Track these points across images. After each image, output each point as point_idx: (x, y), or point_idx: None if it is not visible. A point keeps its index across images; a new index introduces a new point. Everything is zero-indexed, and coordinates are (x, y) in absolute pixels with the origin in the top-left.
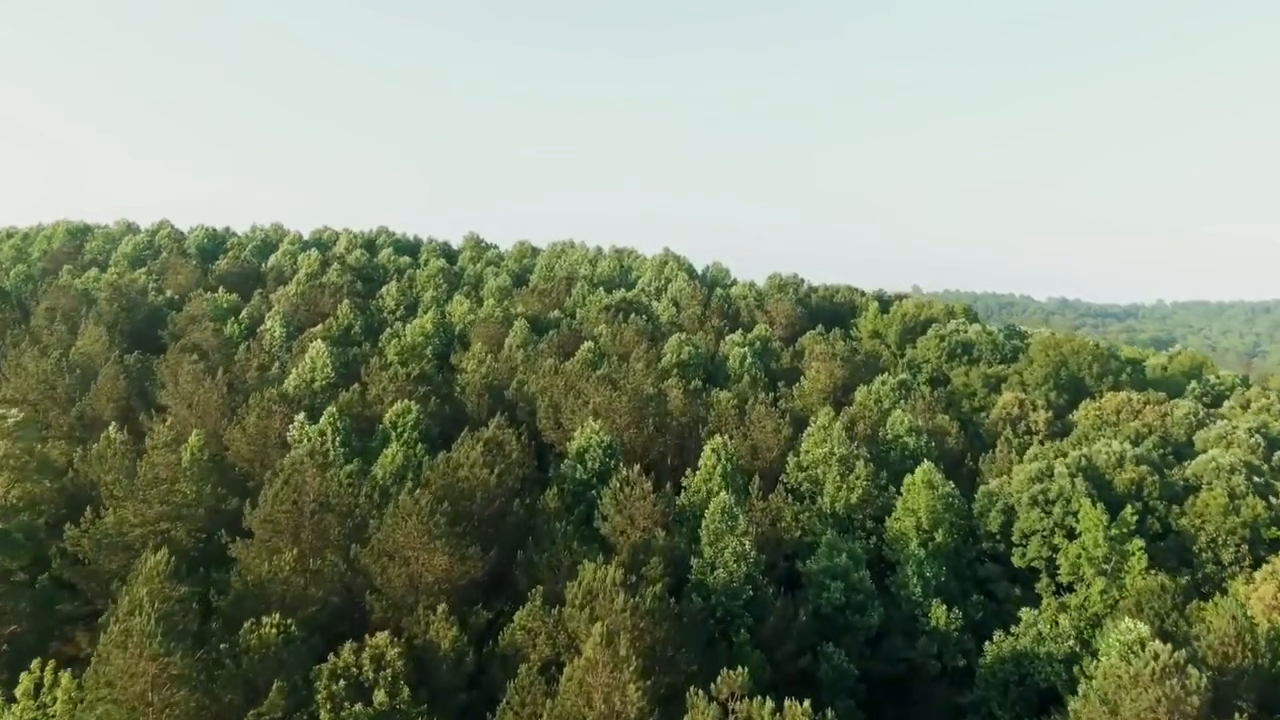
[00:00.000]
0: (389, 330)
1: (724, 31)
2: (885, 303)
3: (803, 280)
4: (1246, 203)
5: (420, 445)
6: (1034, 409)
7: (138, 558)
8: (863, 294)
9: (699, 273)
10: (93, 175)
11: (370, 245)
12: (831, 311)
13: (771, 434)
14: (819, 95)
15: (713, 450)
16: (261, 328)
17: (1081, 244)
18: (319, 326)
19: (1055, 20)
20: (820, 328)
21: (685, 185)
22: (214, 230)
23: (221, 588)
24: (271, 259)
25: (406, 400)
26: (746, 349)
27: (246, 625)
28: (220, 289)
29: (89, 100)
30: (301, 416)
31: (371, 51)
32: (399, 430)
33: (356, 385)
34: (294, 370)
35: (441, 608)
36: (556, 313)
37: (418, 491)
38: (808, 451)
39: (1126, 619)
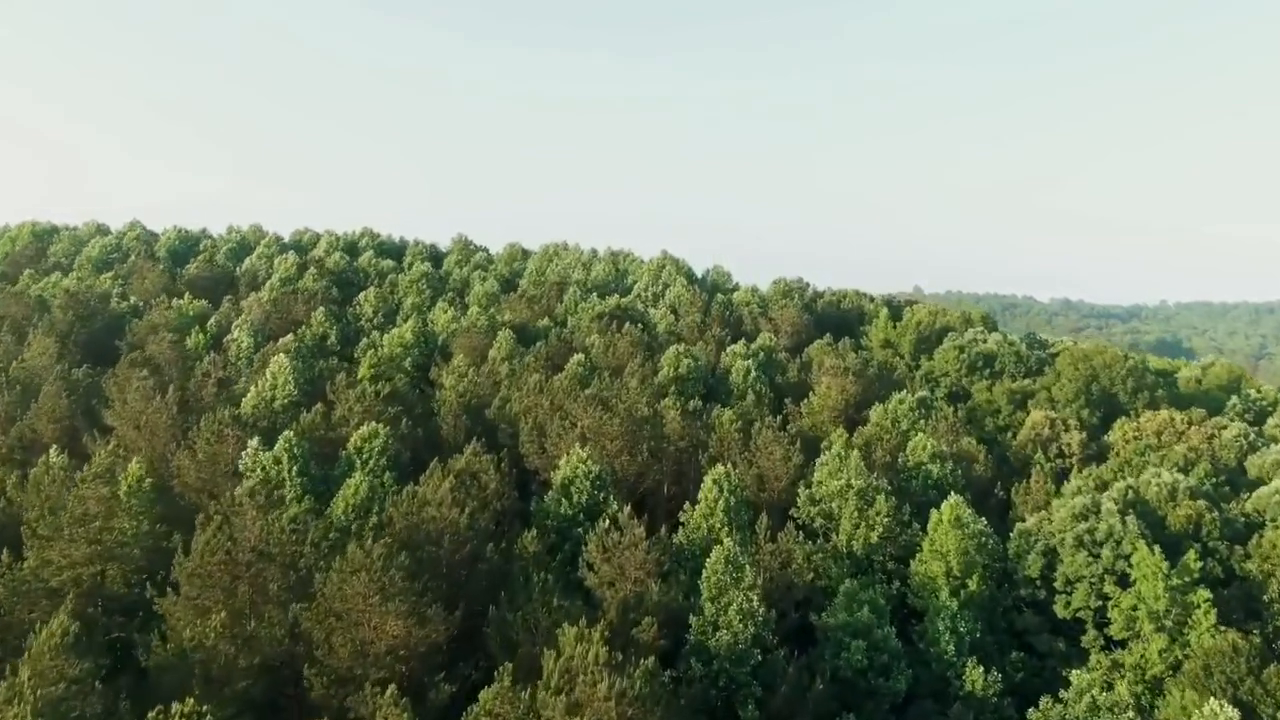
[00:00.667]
0: (365, 340)
1: (724, 31)
2: (896, 309)
3: (808, 284)
4: (1246, 203)
5: (388, 474)
6: (1066, 429)
7: (63, 605)
8: (871, 299)
9: (698, 276)
10: (93, 175)
11: (352, 248)
12: (839, 318)
13: (780, 462)
14: (819, 95)
15: (714, 481)
16: (228, 338)
17: (1082, 244)
18: (289, 336)
19: (1055, 20)
20: (828, 337)
21: (685, 185)
22: (187, 232)
23: (152, 647)
24: (246, 262)
25: (374, 423)
26: (750, 361)
27: (152, 715)
28: (187, 295)
29: (89, 100)
30: (255, 441)
31: (371, 51)
32: (364, 457)
33: (320, 405)
34: (253, 387)
35: (391, 690)
36: (546, 321)
37: (369, 543)
38: (820, 482)
39: (1211, 701)
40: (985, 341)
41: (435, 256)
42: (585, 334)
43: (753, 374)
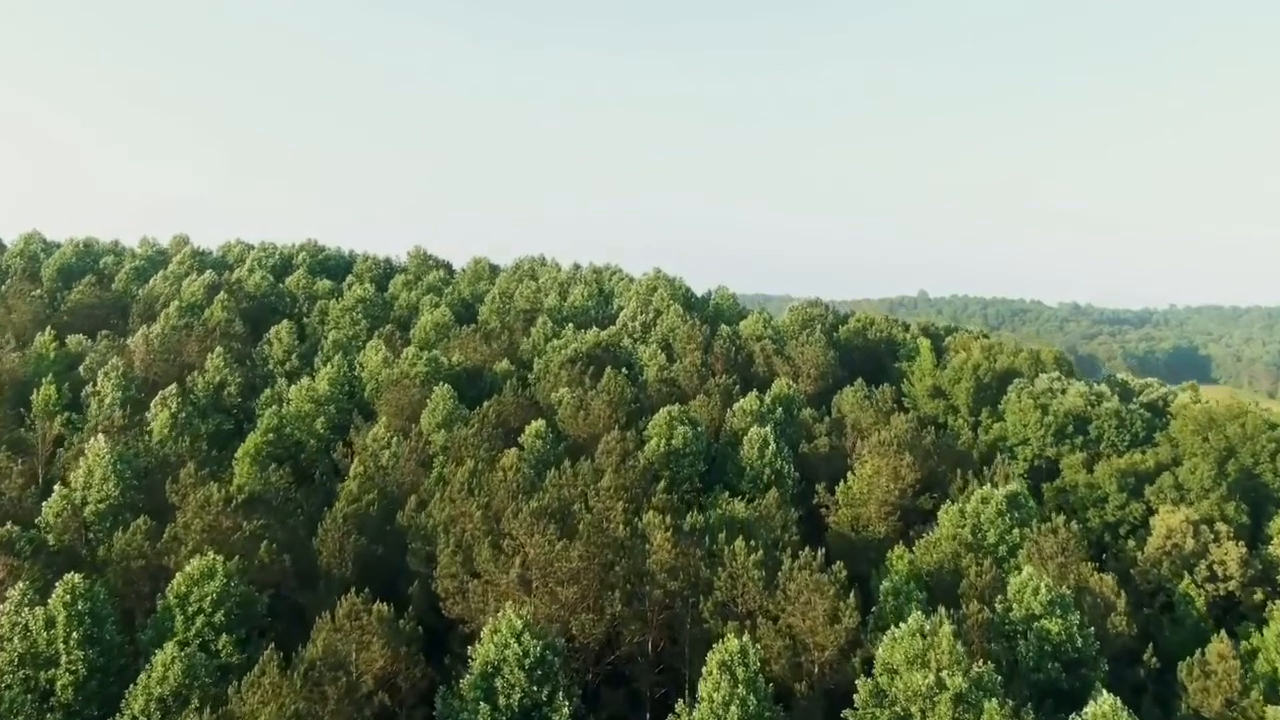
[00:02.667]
0: (269, 391)
1: (724, 32)
2: (935, 337)
3: (828, 308)
4: (1250, 204)
5: (226, 638)
6: (1214, 538)
7: None
8: (905, 327)
9: (698, 296)
10: (92, 176)
11: (286, 264)
12: (866, 351)
13: (823, 621)
14: (820, 95)
15: (722, 664)
16: (86, 391)
17: (1083, 244)
18: (172, 389)
19: (1061, 20)
20: (860, 384)
21: (685, 186)
22: (90, 245)
23: None
24: (151, 283)
25: (212, 553)
26: (768, 428)
27: None
28: (49, 330)
29: (88, 100)
30: (21, 588)
31: (373, 52)
32: (190, 611)
33: (141, 520)
34: (58, 488)
35: None
36: (505, 364)
37: None
38: (893, 668)
39: None
40: (1065, 392)
41: (388, 274)
42: (553, 384)
43: (771, 447)
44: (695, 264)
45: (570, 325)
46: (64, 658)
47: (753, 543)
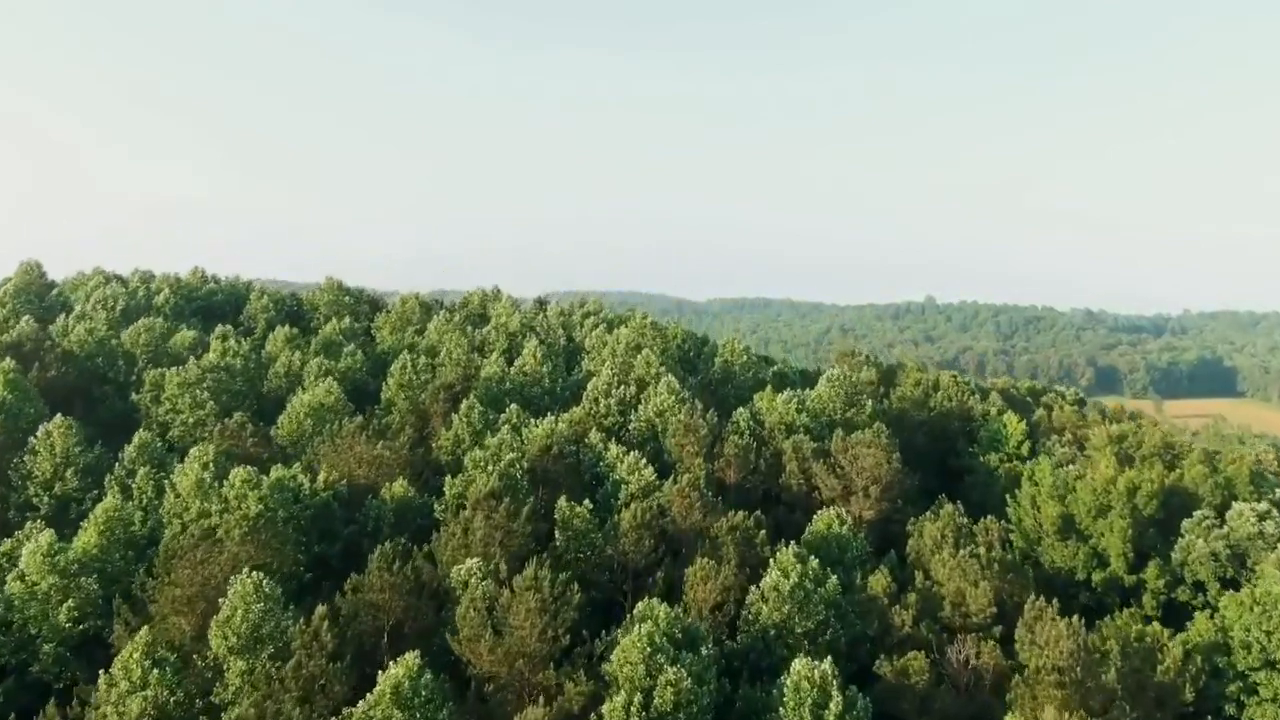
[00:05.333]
0: (9, 542)
1: (724, 32)
2: (1019, 406)
3: (868, 357)
4: (1248, 204)
5: None
6: None
7: None
8: (980, 393)
9: (696, 339)
10: (92, 176)
11: (147, 302)
12: (929, 433)
13: None
14: (820, 95)
15: None
16: None
17: (1083, 245)
18: None
19: (1061, 20)
20: (948, 510)
21: (685, 186)
22: None
23: None
24: None
25: None
26: (826, 663)
27: None
28: None
29: (88, 100)
30: None
31: (373, 52)
32: None
33: None
34: None
35: None
36: (400, 483)
37: None
38: None
39: None
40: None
41: (294, 316)
42: (464, 538)
43: (835, 699)
44: (695, 264)
45: (513, 407)
46: None
47: None
